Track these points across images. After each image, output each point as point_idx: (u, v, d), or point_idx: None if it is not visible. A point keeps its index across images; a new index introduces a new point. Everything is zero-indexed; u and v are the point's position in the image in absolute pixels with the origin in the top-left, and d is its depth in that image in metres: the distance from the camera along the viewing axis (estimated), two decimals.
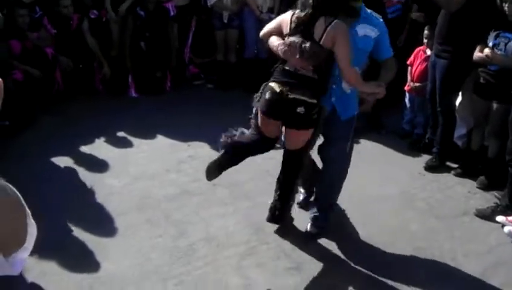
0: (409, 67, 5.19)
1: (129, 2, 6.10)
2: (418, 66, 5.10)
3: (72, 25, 5.91)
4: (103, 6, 6.05)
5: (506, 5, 3.98)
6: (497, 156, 4.25)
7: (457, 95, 4.63)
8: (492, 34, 4.17)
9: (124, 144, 5.01)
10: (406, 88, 5.25)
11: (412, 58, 5.15)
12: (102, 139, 5.05)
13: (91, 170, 4.46)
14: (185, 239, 3.60)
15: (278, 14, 6.08)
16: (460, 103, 4.67)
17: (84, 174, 4.40)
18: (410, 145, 5.10)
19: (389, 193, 4.24)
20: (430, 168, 4.68)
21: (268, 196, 4.10)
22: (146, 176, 4.39)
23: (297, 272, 3.31)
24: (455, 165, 4.68)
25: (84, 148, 4.87)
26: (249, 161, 4.68)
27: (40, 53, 5.60)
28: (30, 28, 5.55)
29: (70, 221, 3.72)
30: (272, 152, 4.83)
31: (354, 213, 3.95)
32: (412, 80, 5.15)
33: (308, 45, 3.04)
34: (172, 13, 6.25)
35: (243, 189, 4.25)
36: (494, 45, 4.15)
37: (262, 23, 6.11)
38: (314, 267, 3.37)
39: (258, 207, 3.97)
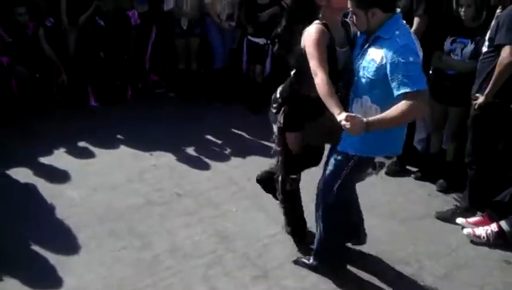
0: None
1: (89, 12, 5.99)
2: None
3: (28, 33, 5.76)
4: (59, 14, 5.91)
5: (462, 9, 4.10)
6: (455, 159, 4.37)
7: None
8: (449, 40, 4.28)
9: (85, 154, 4.90)
10: None
11: None
12: (61, 149, 4.93)
13: (51, 182, 4.34)
14: (149, 250, 3.55)
15: (238, 21, 6.17)
16: None
17: (43, 186, 4.28)
18: None
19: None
20: (391, 172, 4.76)
21: (233, 204, 4.12)
22: (108, 186, 4.30)
23: (264, 280, 3.30)
24: (415, 169, 4.77)
25: (43, 160, 4.74)
26: (213, 168, 4.71)
27: None
28: None
29: (30, 236, 3.60)
30: (236, 160, 4.89)
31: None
32: None
33: None
34: (134, 22, 6.16)
35: (207, 197, 4.22)
36: (450, 50, 4.26)
37: (225, 32, 6.20)
38: (280, 274, 3.36)
39: (223, 215, 3.97)
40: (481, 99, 3.76)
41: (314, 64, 2.71)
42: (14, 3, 5.68)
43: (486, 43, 3.82)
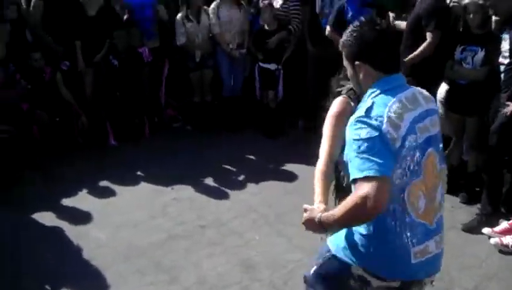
0: None
1: (104, 51, 6.14)
2: None
3: (45, 78, 5.91)
4: (75, 57, 6.06)
5: (470, 16, 4.12)
6: (477, 170, 4.33)
7: None
8: (459, 49, 4.29)
9: (107, 193, 4.96)
10: None
11: None
12: (84, 191, 5.00)
13: (75, 224, 4.39)
14: (177, 285, 3.56)
15: (248, 49, 6.26)
16: None
17: (68, 228, 4.33)
18: None
19: None
20: None
21: (255, 232, 4.13)
22: (131, 224, 4.35)
23: None
24: None
25: (66, 202, 4.80)
26: (233, 198, 4.74)
27: (15, 109, 5.60)
28: (4, 85, 5.55)
29: (58, 279, 3.65)
30: (253, 187, 4.91)
31: None
32: None
33: None
34: (146, 59, 6.29)
35: (229, 227, 4.24)
36: (461, 59, 4.27)
37: (235, 60, 6.29)
38: None
39: (246, 244, 3.98)
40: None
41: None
42: (29, 49, 5.84)
43: (506, 54, 3.79)
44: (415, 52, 4.59)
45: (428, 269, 2.07)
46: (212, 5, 6.26)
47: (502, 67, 3.90)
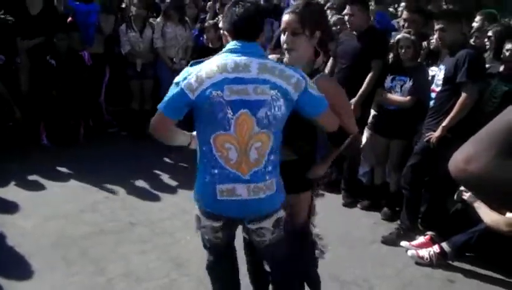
0: None
1: (38, 40, 6.03)
2: None
3: None
4: (12, 52, 5.93)
5: (402, 51, 4.46)
6: (398, 190, 4.61)
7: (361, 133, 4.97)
8: (389, 78, 4.63)
9: (36, 186, 4.86)
10: None
11: None
12: (12, 183, 4.87)
13: (0, 213, 4.27)
14: (103, 275, 3.54)
15: (187, 63, 6.36)
16: (364, 143, 5.02)
17: None
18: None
19: None
20: (344, 204, 4.98)
21: (186, 232, 4.17)
22: (60, 216, 4.28)
23: None
24: (363, 200, 4.99)
25: None
26: (165, 200, 4.76)
27: None
28: None
29: None
30: (187, 192, 4.95)
31: None
32: None
33: None
34: (87, 62, 6.26)
35: (161, 227, 4.26)
36: (390, 87, 4.60)
37: (175, 73, 6.35)
38: None
39: (178, 243, 4.02)
40: (438, 132, 3.96)
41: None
42: None
43: (440, 82, 4.08)
44: (365, 86, 4.75)
45: (241, 210, 2.45)
46: (158, 20, 6.40)
47: (433, 94, 4.19)
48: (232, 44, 2.39)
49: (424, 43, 4.95)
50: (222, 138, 2.34)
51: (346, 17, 4.95)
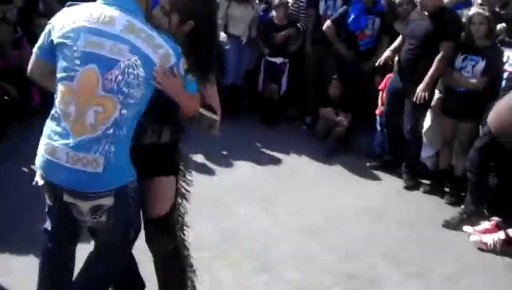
0: (380, 92, 5.37)
1: None
2: None
3: None
4: None
5: (475, 27, 4.22)
6: (464, 174, 4.39)
7: (425, 115, 4.77)
8: (460, 58, 4.39)
9: None
10: (376, 112, 5.41)
11: (383, 84, 5.34)
12: None
13: None
14: None
15: (255, 42, 6.36)
16: (429, 126, 4.81)
17: None
18: (380, 166, 5.21)
19: (361, 208, 4.32)
20: (406, 187, 4.82)
21: (240, 206, 4.18)
22: None
23: (266, 273, 3.33)
24: (427, 182, 4.82)
25: None
26: (220, 175, 4.74)
27: (18, 72, 5.66)
28: (13, 47, 5.64)
29: None
30: (245, 168, 4.95)
31: (328, 227, 4.00)
32: (382, 104, 5.33)
33: None
34: None
35: (215, 199, 4.26)
36: (461, 68, 4.36)
37: (242, 51, 6.39)
38: (283, 267, 3.39)
39: (231, 216, 4.04)
40: None
41: None
42: None
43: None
44: (434, 69, 4.52)
45: (57, 175, 2.13)
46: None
47: (505, 75, 3.98)
48: None
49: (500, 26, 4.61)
50: (65, 89, 2.09)
51: None
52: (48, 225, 2.44)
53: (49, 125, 2.17)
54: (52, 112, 2.17)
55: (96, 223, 2.24)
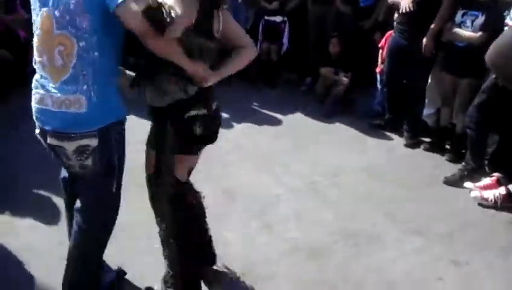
0: (380, 50, 5.29)
1: None
2: None
3: None
4: None
5: None
6: (465, 132, 4.35)
7: (428, 72, 4.69)
8: (460, 12, 4.29)
9: None
10: (377, 70, 5.35)
11: (383, 41, 5.25)
12: None
13: None
14: None
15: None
16: (429, 83, 4.76)
17: None
18: (380, 124, 5.18)
19: (361, 167, 4.32)
20: (406, 145, 4.80)
21: (241, 167, 4.17)
22: None
23: (269, 231, 3.34)
24: (426, 140, 4.80)
25: None
26: (221, 135, 4.75)
27: (12, 36, 5.59)
28: (5, 11, 5.54)
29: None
30: (245, 129, 4.93)
31: (327, 185, 4.00)
32: (382, 62, 5.25)
33: None
34: None
35: (215, 159, 4.23)
36: (461, 23, 4.27)
37: (237, 11, 6.26)
38: (283, 227, 3.40)
39: (232, 177, 4.04)
40: None
41: None
42: None
43: None
44: (436, 21, 4.47)
45: (48, 121, 2.23)
46: None
47: (506, 29, 3.88)
48: None
49: None
50: (35, 40, 2.21)
51: None
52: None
53: (35, 78, 2.27)
54: (34, 65, 2.27)
55: (82, 167, 2.28)
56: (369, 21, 5.55)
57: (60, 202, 3.17)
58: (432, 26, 4.46)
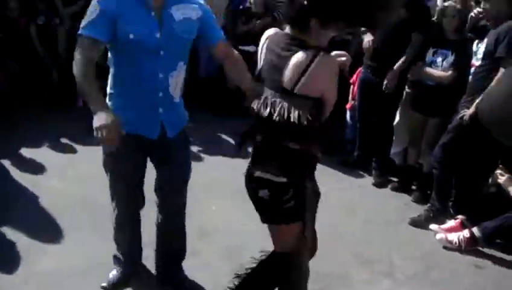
0: (351, 86, 5.40)
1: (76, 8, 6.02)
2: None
3: (19, 28, 5.81)
4: (51, 13, 5.98)
5: (447, 19, 4.28)
6: (431, 172, 4.48)
7: (396, 110, 4.82)
8: (431, 51, 4.42)
9: (67, 149, 4.97)
10: (347, 106, 5.44)
11: (354, 77, 5.35)
12: (44, 144, 4.98)
13: (31, 173, 4.41)
14: None
15: (225, 30, 6.28)
16: (397, 121, 4.88)
17: (23, 176, 4.32)
18: (349, 162, 5.22)
19: (330, 205, 4.33)
20: (375, 184, 4.89)
21: (212, 202, 4.17)
22: (91, 178, 4.32)
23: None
24: (394, 179, 4.90)
25: (25, 153, 4.78)
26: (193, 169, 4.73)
27: None
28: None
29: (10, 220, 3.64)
30: (217, 162, 4.92)
31: None
32: (353, 98, 5.35)
33: None
34: None
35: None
36: (432, 62, 4.40)
37: None
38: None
39: (203, 212, 4.01)
40: (472, 110, 3.77)
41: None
42: None
43: (480, 56, 3.91)
44: (403, 60, 4.61)
45: None
46: None
47: (473, 70, 3.99)
48: None
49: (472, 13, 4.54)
50: None
51: None
52: None
53: None
54: None
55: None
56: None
57: None
58: (399, 63, 4.58)
